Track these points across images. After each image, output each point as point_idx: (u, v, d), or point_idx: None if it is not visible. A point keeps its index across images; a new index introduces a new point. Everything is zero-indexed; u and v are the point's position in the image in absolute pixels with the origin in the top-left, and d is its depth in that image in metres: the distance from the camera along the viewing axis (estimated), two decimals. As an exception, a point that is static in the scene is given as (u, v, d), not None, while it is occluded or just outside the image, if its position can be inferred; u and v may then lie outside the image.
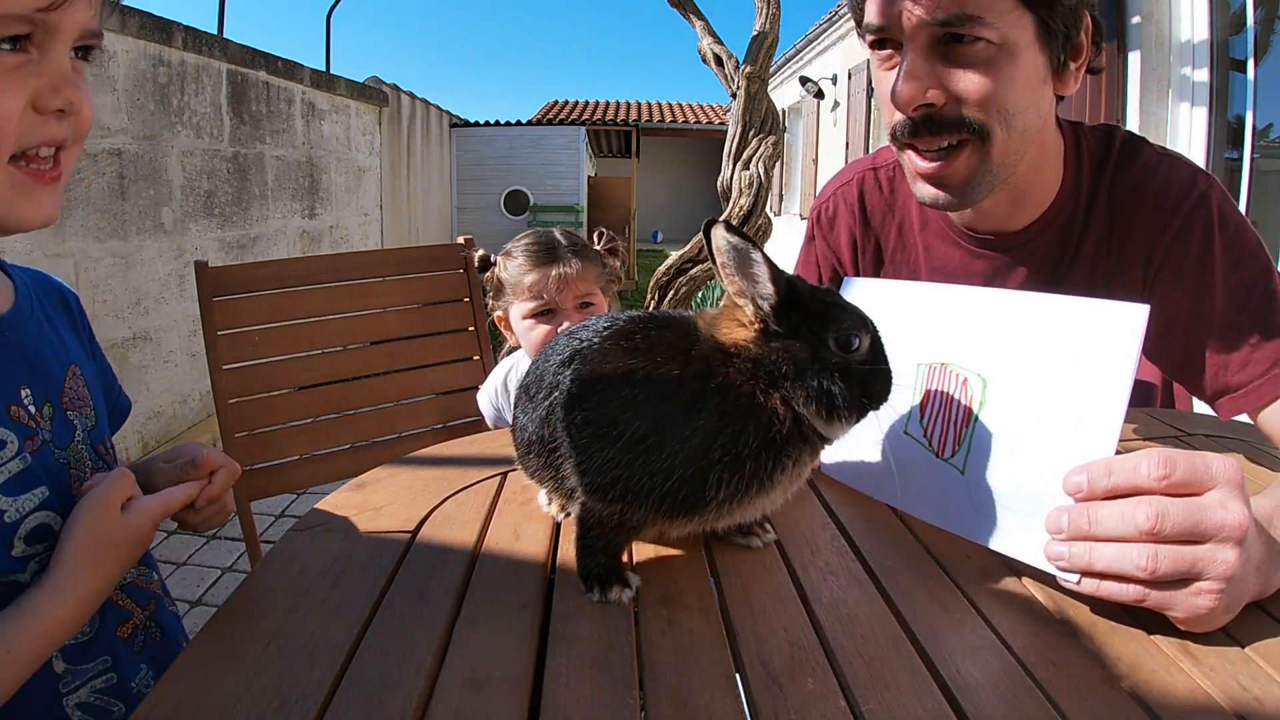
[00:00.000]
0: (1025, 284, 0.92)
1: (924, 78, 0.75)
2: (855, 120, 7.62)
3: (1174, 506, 0.48)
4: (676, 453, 0.54)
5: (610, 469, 0.55)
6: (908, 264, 0.99)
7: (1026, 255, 0.92)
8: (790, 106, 10.47)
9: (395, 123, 6.63)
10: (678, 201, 16.70)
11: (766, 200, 4.07)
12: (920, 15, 0.73)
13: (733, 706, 0.46)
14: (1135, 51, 3.78)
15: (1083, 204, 0.89)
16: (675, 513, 0.56)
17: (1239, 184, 3.43)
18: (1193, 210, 0.84)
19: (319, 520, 0.71)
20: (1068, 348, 0.59)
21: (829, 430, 0.57)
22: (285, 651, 0.51)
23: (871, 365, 0.57)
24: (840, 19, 8.00)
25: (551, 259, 1.23)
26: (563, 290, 1.22)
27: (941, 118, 0.77)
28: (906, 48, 0.76)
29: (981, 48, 0.74)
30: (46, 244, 2.62)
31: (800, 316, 0.56)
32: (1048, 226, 0.90)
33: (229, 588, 2.33)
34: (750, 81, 4.08)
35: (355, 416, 1.45)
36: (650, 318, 0.61)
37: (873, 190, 1.02)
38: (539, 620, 0.55)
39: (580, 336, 0.61)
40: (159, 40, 3.30)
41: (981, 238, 0.93)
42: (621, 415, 0.55)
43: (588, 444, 0.56)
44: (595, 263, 1.26)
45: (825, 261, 1.07)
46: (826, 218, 1.06)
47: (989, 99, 0.75)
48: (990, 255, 0.93)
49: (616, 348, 0.58)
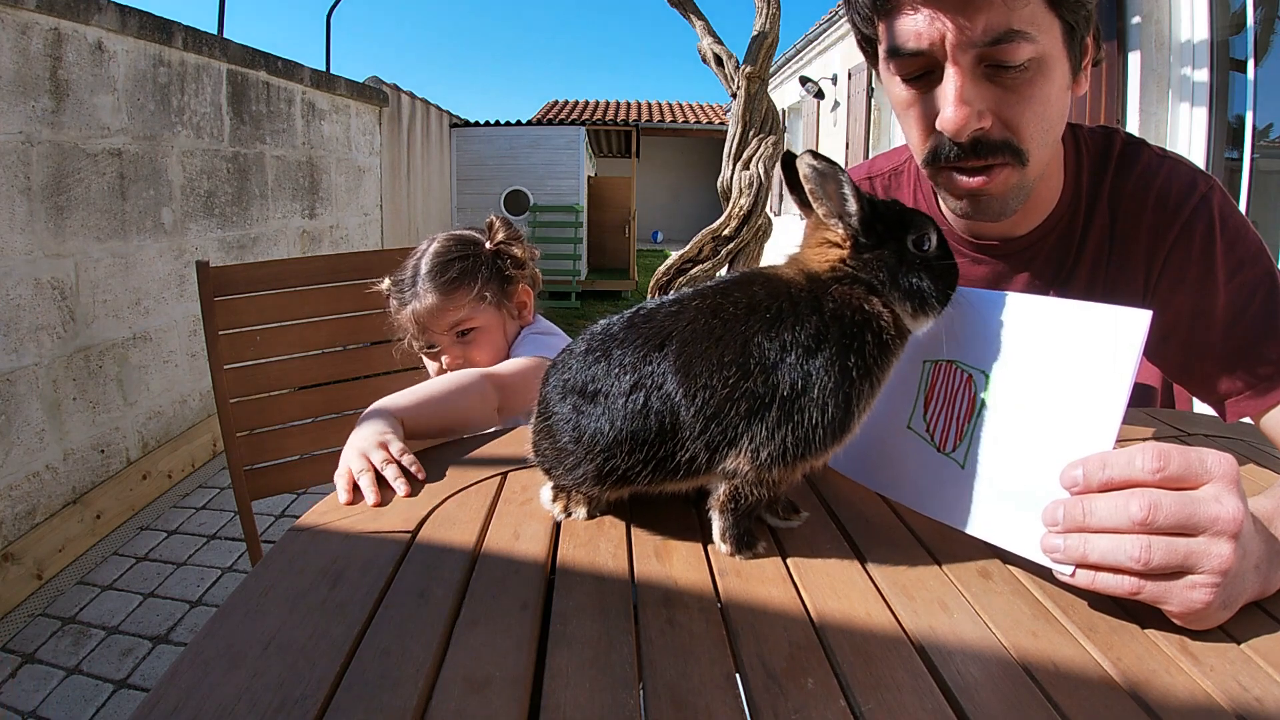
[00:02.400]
0: (1027, 289, 0.91)
1: (975, 102, 0.72)
2: (855, 120, 7.62)
3: (1167, 499, 0.48)
4: (825, 387, 0.56)
5: (776, 435, 0.57)
6: None
7: (1028, 260, 0.91)
8: (790, 106, 10.47)
9: (395, 123, 6.63)
10: (678, 201, 16.70)
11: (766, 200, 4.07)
12: (970, 35, 0.70)
13: (733, 706, 0.46)
14: (1135, 51, 3.78)
15: (1083, 208, 0.89)
16: (829, 445, 0.59)
17: (1239, 184, 3.43)
18: (1194, 213, 0.83)
19: (319, 520, 0.71)
20: (1069, 351, 0.59)
21: (916, 325, 0.62)
22: (285, 651, 0.51)
23: (943, 259, 0.63)
24: (840, 19, 7.99)
25: (407, 298, 1.15)
26: (425, 330, 1.14)
27: (989, 141, 0.75)
28: (950, 71, 0.73)
29: (1024, 67, 0.72)
30: (46, 244, 2.62)
31: (882, 226, 0.62)
32: (1050, 232, 0.90)
33: (229, 588, 2.33)
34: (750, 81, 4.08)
35: (355, 416, 1.45)
36: (724, 284, 0.62)
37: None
38: (539, 620, 0.55)
39: (654, 322, 0.61)
40: (159, 40, 3.30)
41: (983, 244, 0.93)
42: (767, 377, 0.56)
43: (741, 419, 0.57)
44: (465, 285, 1.15)
45: None
46: None
47: (1034, 121, 0.74)
48: (992, 262, 0.93)
49: (716, 320, 0.59)
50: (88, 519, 2.67)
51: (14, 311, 2.48)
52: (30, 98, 2.57)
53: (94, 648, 2.04)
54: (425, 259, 1.17)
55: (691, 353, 0.58)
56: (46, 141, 2.64)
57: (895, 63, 0.77)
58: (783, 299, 0.59)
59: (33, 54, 2.58)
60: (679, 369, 0.58)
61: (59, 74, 2.71)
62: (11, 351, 2.47)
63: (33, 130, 2.58)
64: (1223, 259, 0.83)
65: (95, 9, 2.84)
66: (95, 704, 1.82)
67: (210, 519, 2.86)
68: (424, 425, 0.95)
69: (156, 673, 1.94)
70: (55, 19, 2.67)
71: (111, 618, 2.19)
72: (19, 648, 2.05)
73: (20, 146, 2.52)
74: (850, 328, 0.58)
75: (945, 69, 0.73)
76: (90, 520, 2.68)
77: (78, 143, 2.81)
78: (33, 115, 2.58)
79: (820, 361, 0.57)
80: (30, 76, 2.57)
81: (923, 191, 0.99)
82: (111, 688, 1.88)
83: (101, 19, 2.88)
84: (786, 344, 0.57)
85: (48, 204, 2.64)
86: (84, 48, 2.84)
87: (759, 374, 0.57)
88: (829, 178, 0.61)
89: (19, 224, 2.50)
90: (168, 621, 2.16)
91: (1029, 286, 0.92)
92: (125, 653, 2.02)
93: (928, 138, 0.78)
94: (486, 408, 1.07)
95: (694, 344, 0.58)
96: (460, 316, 1.14)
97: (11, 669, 1.95)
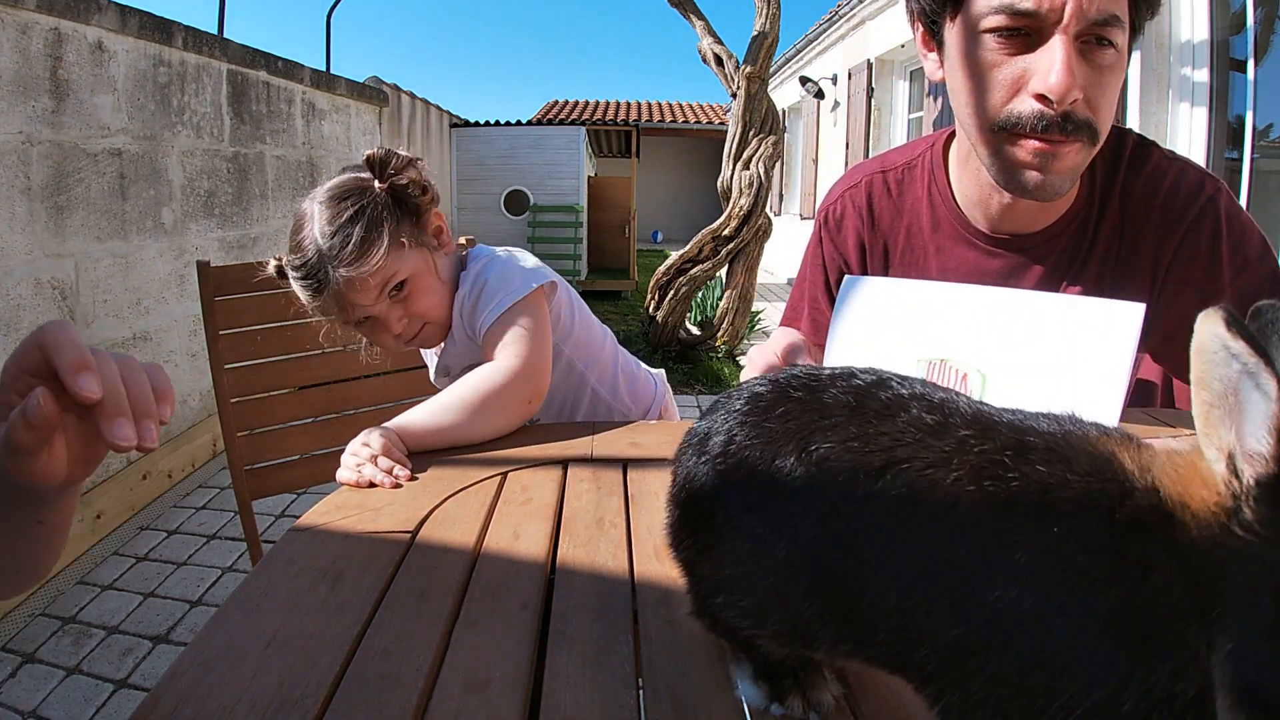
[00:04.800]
0: (1039, 284, 0.91)
1: (1078, 74, 0.74)
2: (855, 120, 7.62)
3: None
4: (1075, 701, 0.32)
5: (976, 707, 0.34)
6: (916, 266, 0.98)
7: (1043, 255, 0.92)
8: (790, 106, 10.47)
9: (395, 123, 6.63)
10: (678, 201, 16.69)
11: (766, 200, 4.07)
12: (1087, 10, 0.72)
13: (732, 706, 0.46)
14: (1135, 51, 3.78)
15: (1097, 205, 0.90)
16: None
17: (1239, 184, 3.43)
18: (1200, 213, 0.84)
19: (319, 520, 0.71)
20: (1067, 345, 0.59)
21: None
22: (285, 651, 0.51)
23: None
24: (840, 19, 8.00)
25: (318, 282, 0.99)
26: (354, 307, 1.00)
27: (1075, 118, 0.76)
28: (1059, 39, 0.73)
29: (1112, 53, 0.75)
30: (47, 244, 2.62)
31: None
32: (1066, 228, 0.90)
33: (229, 588, 2.33)
34: (750, 81, 4.08)
35: (355, 416, 1.45)
36: (1020, 422, 0.37)
37: (881, 194, 1.01)
38: (539, 620, 0.55)
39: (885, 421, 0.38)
40: (159, 40, 3.30)
41: (998, 238, 0.92)
42: (1013, 639, 0.33)
43: (941, 667, 0.35)
44: (374, 241, 0.99)
45: (832, 263, 1.07)
46: (834, 219, 1.05)
47: (1109, 107, 0.77)
48: (1006, 255, 0.93)
49: (976, 485, 0.35)
50: (88, 518, 2.67)
51: (14, 311, 2.48)
52: (30, 98, 2.57)
53: (94, 648, 2.04)
54: (318, 229, 0.99)
55: (914, 515, 0.35)
56: (46, 141, 2.64)
57: (1002, 17, 0.76)
58: (1102, 517, 0.33)
59: (33, 54, 2.58)
60: (884, 530, 0.36)
61: (59, 74, 2.71)
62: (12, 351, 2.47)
63: (33, 130, 2.58)
64: (1228, 259, 0.83)
65: (95, 9, 2.84)
66: (95, 704, 1.82)
67: (210, 519, 2.86)
68: (442, 444, 0.92)
69: (156, 673, 1.94)
70: (55, 19, 2.67)
71: (111, 618, 2.19)
72: (19, 647, 2.05)
73: (20, 146, 2.52)
74: (1146, 640, 0.31)
75: (1053, 37, 0.73)
76: (90, 520, 2.68)
77: (78, 143, 2.81)
78: (33, 115, 2.58)
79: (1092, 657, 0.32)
80: (30, 76, 2.57)
81: (937, 185, 0.98)
82: (111, 688, 1.88)
83: (101, 19, 2.89)
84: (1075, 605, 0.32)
85: (48, 204, 2.64)
86: (84, 48, 2.84)
87: (1002, 627, 0.33)
88: (1251, 378, 0.30)
89: (19, 224, 2.51)
90: (168, 621, 2.16)
91: (1042, 281, 0.92)
92: (125, 653, 2.02)
93: (1009, 101, 0.77)
94: (528, 412, 0.99)
95: (925, 503, 0.35)
96: (384, 277, 0.99)
97: (11, 669, 1.95)
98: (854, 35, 7.86)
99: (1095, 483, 0.34)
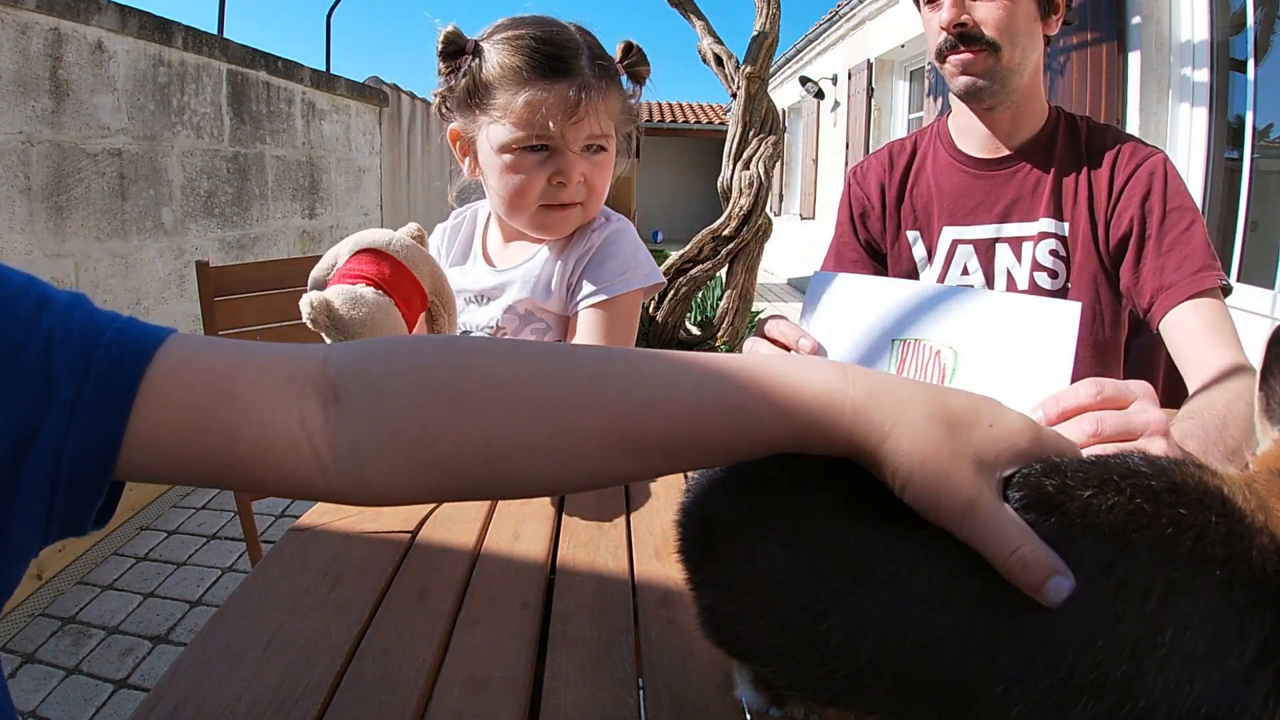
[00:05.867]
0: (1017, 201, 1.12)
1: (961, 6, 1.04)
2: (855, 120, 7.62)
3: (1109, 415, 0.55)
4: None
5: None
6: (923, 195, 1.21)
7: (1017, 173, 1.13)
8: (790, 106, 10.47)
9: (395, 123, 6.63)
10: (678, 201, 16.69)
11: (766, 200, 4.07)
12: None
13: (732, 706, 0.46)
14: (1135, 51, 3.78)
15: (1063, 131, 1.12)
16: None
17: (1239, 184, 3.43)
18: (1149, 159, 1.06)
19: (319, 520, 0.71)
20: (1014, 341, 0.66)
21: None
22: (285, 651, 0.51)
23: None
24: (840, 19, 8.00)
25: (563, 72, 0.84)
26: (575, 125, 0.85)
27: (970, 34, 1.04)
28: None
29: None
30: (46, 244, 2.62)
31: None
32: (1036, 148, 1.12)
33: (229, 588, 2.33)
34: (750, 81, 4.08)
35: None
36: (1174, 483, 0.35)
37: (898, 151, 1.27)
38: (539, 620, 0.55)
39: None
40: (159, 40, 3.30)
41: (981, 160, 1.15)
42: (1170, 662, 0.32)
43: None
44: (620, 89, 0.89)
45: (857, 201, 1.27)
46: (861, 170, 1.29)
47: (1002, 23, 1.04)
48: (988, 175, 1.14)
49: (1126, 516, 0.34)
50: (88, 519, 2.67)
51: (14, 311, 2.48)
52: (30, 98, 2.57)
53: (94, 648, 2.04)
54: (569, 27, 0.88)
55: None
56: (46, 141, 2.64)
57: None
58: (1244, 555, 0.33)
59: (33, 54, 2.58)
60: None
61: (59, 74, 2.71)
62: (11, 351, 2.47)
63: (33, 130, 2.58)
64: (1163, 195, 1.03)
65: (95, 9, 2.84)
66: (95, 704, 1.82)
67: (210, 519, 2.86)
68: None
69: (156, 673, 1.94)
70: (55, 19, 2.67)
71: (111, 618, 2.19)
72: (19, 648, 2.05)
73: (20, 146, 2.52)
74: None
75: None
76: (90, 520, 2.68)
77: (78, 143, 2.81)
78: (33, 115, 2.58)
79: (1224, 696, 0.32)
80: (30, 76, 2.57)
81: (941, 139, 1.21)
82: (111, 688, 1.88)
83: (101, 19, 2.88)
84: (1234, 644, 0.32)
85: (48, 204, 2.64)
86: (84, 48, 2.84)
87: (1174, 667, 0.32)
88: None
89: (19, 224, 2.51)
90: (168, 621, 2.16)
91: (1018, 200, 1.12)
92: (125, 653, 2.02)
93: (938, 37, 1.07)
94: None
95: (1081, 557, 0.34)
96: (609, 127, 0.88)
97: (11, 669, 1.95)
98: (854, 35, 7.86)
99: (1234, 523, 0.34)
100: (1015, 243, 1.13)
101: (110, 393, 0.37)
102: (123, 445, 0.37)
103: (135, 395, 0.37)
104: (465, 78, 0.88)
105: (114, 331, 0.38)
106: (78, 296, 0.39)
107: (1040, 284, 1.11)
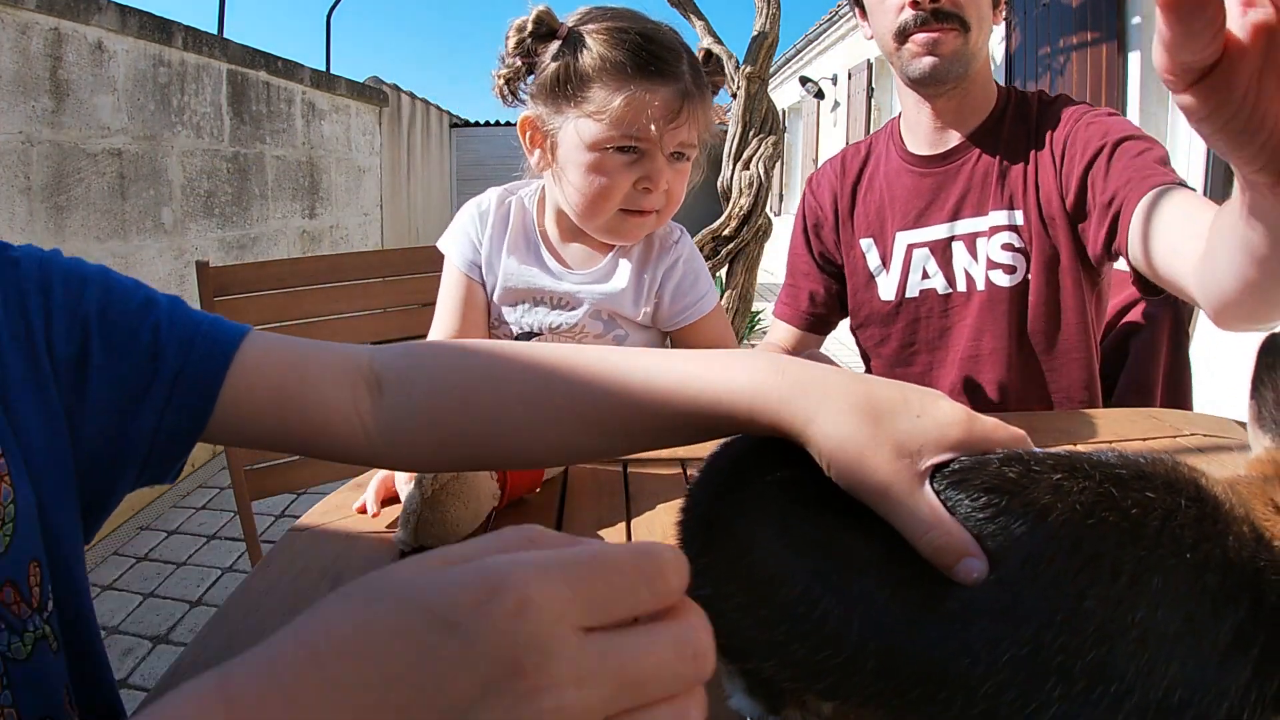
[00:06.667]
0: (967, 194, 1.09)
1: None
2: (855, 120, 7.62)
3: None
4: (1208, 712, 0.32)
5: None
6: (875, 201, 1.18)
7: (964, 165, 1.11)
8: (790, 106, 10.47)
9: (395, 123, 6.63)
10: (678, 201, 16.69)
11: (766, 200, 4.07)
12: None
13: (728, 715, 0.46)
14: (1135, 51, 3.78)
15: (1011, 117, 1.10)
16: None
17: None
18: (1090, 112, 1.05)
19: (319, 520, 0.71)
20: None
21: None
22: (285, 651, 0.51)
23: None
24: (840, 19, 8.00)
25: (665, 74, 0.81)
26: (672, 130, 0.82)
27: (944, 10, 1.02)
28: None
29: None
30: (46, 243, 2.61)
31: None
32: (984, 133, 1.10)
33: (229, 588, 2.33)
34: (750, 81, 4.08)
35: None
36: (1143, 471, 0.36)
37: (852, 156, 1.25)
38: (539, 620, 0.55)
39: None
40: (159, 40, 3.30)
41: (929, 158, 1.13)
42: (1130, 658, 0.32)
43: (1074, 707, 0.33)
44: (710, 99, 0.88)
45: (811, 213, 1.25)
46: (816, 179, 1.28)
47: (973, 2, 1.03)
48: (936, 172, 1.12)
49: (1088, 523, 0.35)
50: (88, 519, 2.67)
51: (14, 311, 2.48)
52: (30, 98, 2.57)
53: (94, 648, 2.04)
54: (666, 33, 0.84)
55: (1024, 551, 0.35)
56: (46, 141, 2.64)
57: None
58: (1218, 539, 0.34)
59: (33, 54, 2.58)
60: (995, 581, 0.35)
61: (59, 74, 2.71)
62: (11, 351, 2.47)
63: (33, 130, 2.58)
64: (1110, 134, 0.99)
65: (95, 9, 2.84)
66: (95, 704, 1.82)
67: (210, 519, 2.86)
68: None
69: (156, 673, 1.94)
70: (55, 19, 2.67)
71: (111, 618, 2.19)
72: (19, 648, 2.05)
73: (20, 146, 2.52)
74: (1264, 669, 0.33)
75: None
76: (90, 520, 2.68)
77: (78, 143, 2.81)
78: (33, 115, 2.58)
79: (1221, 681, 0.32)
80: (30, 76, 2.57)
81: (893, 139, 1.19)
82: (111, 688, 1.88)
83: (101, 19, 2.89)
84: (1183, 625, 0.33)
85: (48, 204, 2.64)
86: (84, 48, 2.84)
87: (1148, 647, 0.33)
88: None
89: (19, 224, 2.51)
90: (168, 621, 2.16)
91: (966, 193, 1.10)
92: (125, 653, 2.02)
93: (899, 14, 1.04)
94: None
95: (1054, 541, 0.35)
96: (699, 131, 0.85)
97: (11, 669, 1.95)
98: (854, 35, 7.87)
99: (1207, 509, 0.35)
100: (969, 240, 1.09)
101: (207, 370, 0.48)
102: (214, 411, 0.48)
103: (227, 373, 0.48)
104: (557, 64, 0.82)
105: (208, 324, 0.50)
106: (175, 298, 0.50)
107: (996, 282, 1.07)
